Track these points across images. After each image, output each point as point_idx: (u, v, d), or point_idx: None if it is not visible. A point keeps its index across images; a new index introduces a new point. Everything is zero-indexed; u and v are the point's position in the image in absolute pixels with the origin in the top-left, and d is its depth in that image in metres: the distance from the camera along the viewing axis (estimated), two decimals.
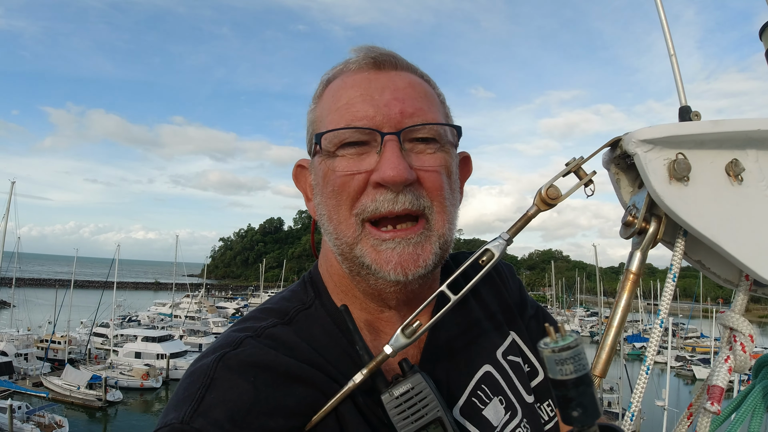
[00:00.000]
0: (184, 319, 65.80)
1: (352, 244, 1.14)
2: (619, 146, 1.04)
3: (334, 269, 1.26)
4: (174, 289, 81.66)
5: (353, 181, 1.13)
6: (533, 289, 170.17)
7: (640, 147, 0.99)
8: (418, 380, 1.05)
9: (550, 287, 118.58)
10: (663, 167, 1.00)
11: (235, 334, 1.12)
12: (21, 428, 29.72)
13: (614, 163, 1.10)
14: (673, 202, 0.99)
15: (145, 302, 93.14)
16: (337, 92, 1.20)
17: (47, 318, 53.62)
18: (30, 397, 36.03)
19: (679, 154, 1.00)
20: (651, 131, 0.99)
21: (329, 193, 1.16)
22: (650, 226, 1.04)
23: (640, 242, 1.05)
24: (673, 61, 1.12)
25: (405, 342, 1.06)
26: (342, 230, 1.15)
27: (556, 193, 1.06)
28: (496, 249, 1.08)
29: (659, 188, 0.99)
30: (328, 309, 1.23)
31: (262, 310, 1.24)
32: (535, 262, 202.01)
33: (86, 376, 38.89)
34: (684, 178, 0.99)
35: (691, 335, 72.38)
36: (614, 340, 1.02)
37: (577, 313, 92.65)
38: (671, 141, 1.00)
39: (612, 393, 36.52)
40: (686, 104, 1.09)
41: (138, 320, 66.69)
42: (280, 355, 1.07)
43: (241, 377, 1.02)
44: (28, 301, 60.30)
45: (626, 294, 1.04)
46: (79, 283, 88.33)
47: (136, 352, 46.39)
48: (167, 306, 75.55)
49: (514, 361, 1.36)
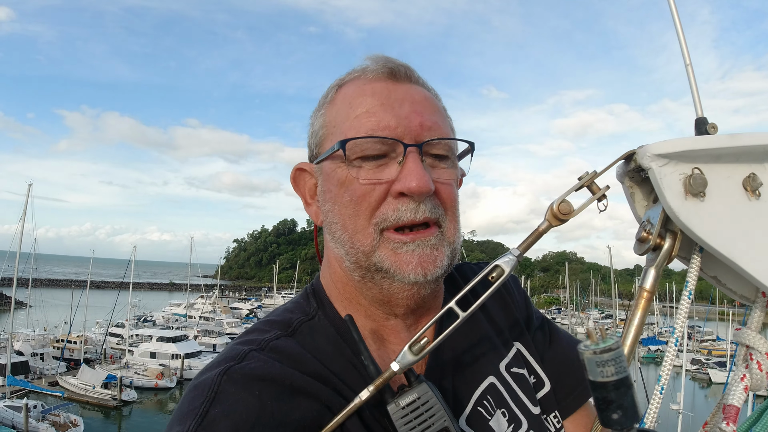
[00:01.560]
0: (199, 320, 66.16)
1: (369, 253, 1.14)
2: (634, 159, 1.02)
3: (338, 276, 1.25)
4: (189, 290, 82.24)
5: (374, 190, 1.13)
6: (547, 291, 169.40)
7: (655, 161, 0.97)
8: (425, 390, 1.03)
9: (564, 289, 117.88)
10: (678, 182, 0.97)
11: (239, 347, 1.11)
12: (36, 427, 30.00)
13: (629, 177, 1.07)
14: (689, 218, 0.96)
15: (160, 303, 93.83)
16: (354, 99, 1.20)
17: (63, 318, 54.27)
18: (46, 397, 36.39)
19: (695, 169, 0.97)
20: (666, 145, 0.97)
21: (346, 202, 1.16)
22: (665, 243, 1.01)
23: (654, 259, 1.02)
24: (689, 71, 1.10)
25: (412, 359, 1.04)
26: (359, 239, 1.15)
27: (568, 208, 1.04)
28: (506, 265, 1.06)
29: (674, 204, 0.96)
30: (332, 319, 1.23)
31: (265, 322, 1.23)
32: (548, 263, 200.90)
33: (101, 376, 39.22)
34: (700, 194, 0.97)
35: (707, 338, 71.61)
36: (627, 359, 1.00)
37: (592, 316, 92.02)
38: (687, 155, 0.97)
39: None
40: (702, 116, 1.06)
41: (153, 320, 67.06)
42: (285, 368, 1.06)
43: (245, 391, 1.01)
44: (44, 302, 61.04)
45: (640, 312, 1.01)
46: (95, 283, 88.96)
47: (151, 352, 46.73)
48: (182, 306, 76.01)
49: (519, 374, 1.35)
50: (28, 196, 44.74)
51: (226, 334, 59.32)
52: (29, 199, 44.71)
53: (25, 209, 44.17)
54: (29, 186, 45.05)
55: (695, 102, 1.08)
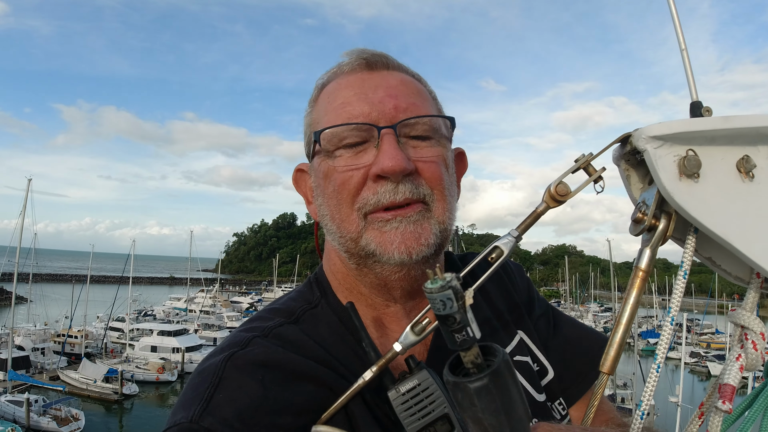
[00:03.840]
0: (199, 314, 66.27)
1: (356, 238, 1.16)
2: (629, 142, 1.03)
3: (337, 268, 1.28)
4: (189, 284, 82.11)
5: (353, 177, 1.15)
6: (546, 284, 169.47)
7: (650, 143, 0.98)
8: (425, 376, 1.05)
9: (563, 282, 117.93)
10: (673, 164, 0.98)
11: (242, 334, 1.13)
12: (38, 421, 30.11)
13: (624, 159, 1.08)
14: (683, 198, 0.97)
15: (160, 297, 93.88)
16: (332, 94, 1.23)
17: (64, 313, 54.22)
18: (47, 391, 36.40)
19: (689, 151, 0.98)
20: (661, 127, 0.98)
21: (330, 193, 1.18)
22: (660, 223, 1.03)
23: (649, 239, 1.04)
24: (684, 56, 1.11)
25: (414, 339, 1.06)
26: (345, 227, 1.17)
27: (565, 189, 1.05)
28: (505, 246, 1.08)
29: (669, 185, 0.97)
30: (334, 307, 1.24)
31: (269, 310, 1.25)
32: (548, 257, 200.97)
33: (102, 370, 39.30)
34: (694, 175, 0.98)
35: (706, 331, 71.71)
36: (623, 337, 1.01)
37: (591, 309, 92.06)
38: (681, 137, 0.98)
39: (626, 389, 36.34)
40: (698, 99, 1.07)
41: (153, 315, 67.26)
42: (288, 354, 1.08)
43: (249, 376, 1.03)
44: (44, 296, 61.07)
45: (635, 291, 1.03)
46: (95, 278, 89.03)
47: (152, 346, 46.83)
48: (182, 300, 76.03)
49: (522, 361, 1.36)
50: (27, 191, 44.70)
51: (226, 328, 59.32)
52: (29, 194, 44.66)
53: (25, 204, 44.14)
54: (29, 181, 45.00)
55: (690, 86, 1.09)
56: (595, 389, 1.02)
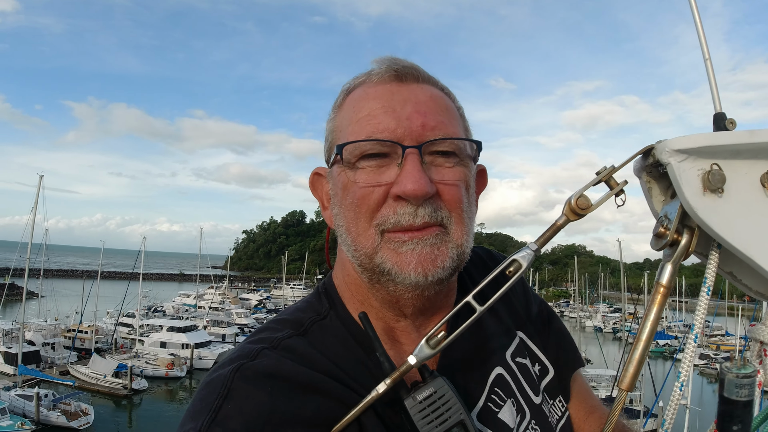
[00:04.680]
0: (208, 310, 66.57)
1: (371, 254, 1.14)
2: (652, 155, 1.01)
3: (351, 278, 1.26)
4: (198, 281, 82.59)
5: (373, 193, 1.13)
6: (556, 284, 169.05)
7: (674, 157, 0.96)
8: (441, 384, 1.05)
9: (572, 282, 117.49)
10: (697, 178, 0.97)
11: (251, 346, 1.12)
12: (47, 416, 30.43)
13: (646, 172, 1.07)
14: (707, 214, 0.96)
15: (170, 293, 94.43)
16: (358, 103, 1.20)
17: (74, 308, 54.77)
18: (57, 386, 36.80)
19: (713, 165, 0.97)
20: (685, 141, 0.96)
21: (348, 205, 1.16)
22: (682, 238, 1.01)
23: (671, 254, 1.02)
24: (708, 65, 1.09)
25: (429, 353, 1.05)
26: (361, 242, 1.15)
27: (586, 203, 1.03)
28: (523, 260, 1.07)
29: (692, 200, 0.96)
30: (344, 319, 1.23)
31: (277, 321, 1.24)
32: (557, 257, 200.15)
33: (112, 365, 39.64)
34: (718, 190, 0.96)
35: (716, 333, 71.21)
36: (642, 355, 0.99)
37: (600, 309, 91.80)
38: (706, 151, 0.97)
39: (634, 390, 36.12)
40: (721, 111, 1.06)
41: (163, 311, 67.66)
42: (297, 366, 1.07)
43: (258, 388, 1.02)
44: (55, 292, 61.38)
45: (656, 308, 1.01)
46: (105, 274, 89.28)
47: (162, 341, 47.14)
48: (192, 297, 76.53)
49: (522, 363, 1.37)
50: (39, 187, 45.04)
51: (235, 324, 59.76)
52: (40, 191, 45.00)
53: (36, 200, 44.50)
54: (40, 177, 45.34)
55: (714, 97, 1.07)
56: (614, 406, 1.00)
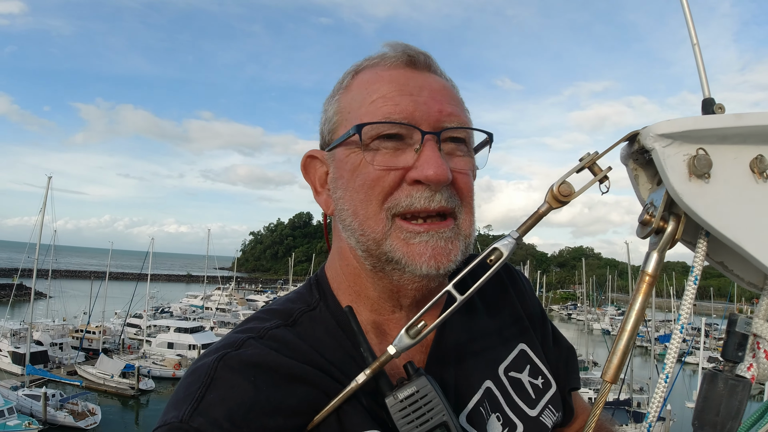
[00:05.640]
0: (215, 311, 66.87)
1: (380, 240, 1.12)
2: (637, 141, 0.98)
3: (350, 268, 1.23)
4: (205, 282, 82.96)
5: (388, 176, 1.11)
6: (563, 286, 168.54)
7: (659, 142, 0.93)
8: (423, 383, 1.02)
9: (580, 285, 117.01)
10: (682, 163, 0.93)
11: (237, 335, 1.11)
12: (55, 416, 30.44)
13: (632, 159, 1.04)
14: (693, 200, 0.93)
15: (177, 294, 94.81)
16: (371, 84, 1.17)
17: (82, 309, 54.89)
18: (64, 386, 36.89)
19: (699, 150, 0.94)
20: (670, 125, 0.93)
21: (358, 187, 1.13)
22: (668, 226, 0.98)
23: (657, 242, 0.99)
24: (696, 50, 1.06)
25: (409, 343, 1.02)
26: (369, 225, 1.12)
27: (568, 190, 1.00)
28: (504, 248, 1.03)
29: (678, 186, 0.93)
30: (333, 311, 1.21)
31: (266, 311, 1.22)
32: (565, 259, 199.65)
33: (120, 366, 39.72)
34: (705, 175, 0.93)
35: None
36: (627, 345, 0.97)
37: (608, 312, 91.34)
38: (691, 135, 0.94)
39: (642, 393, 35.94)
40: (710, 96, 1.02)
41: (170, 311, 67.85)
42: (281, 356, 1.06)
43: (241, 377, 1.00)
44: (63, 292, 61.44)
45: (641, 297, 0.98)
46: (113, 274, 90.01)
47: (169, 342, 47.27)
48: (199, 298, 76.90)
49: (515, 378, 1.33)
50: (47, 188, 45.23)
51: None
52: (49, 192, 45.24)
53: (45, 201, 44.67)
54: (49, 179, 45.51)
55: (702, 82, 1.04)
56: (597, 398, 0.98)
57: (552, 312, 38.34)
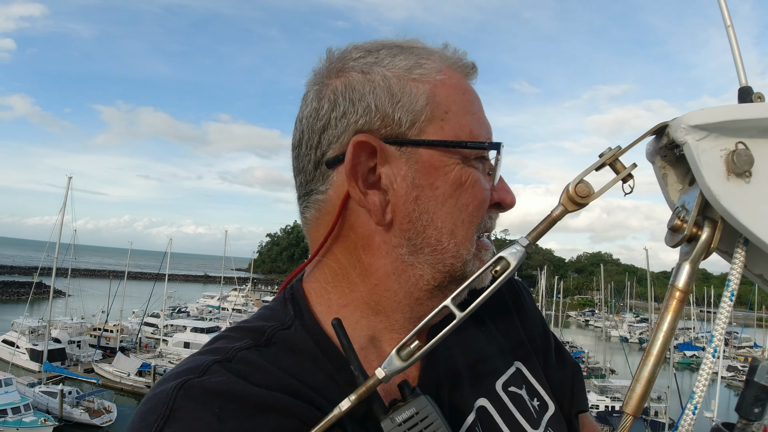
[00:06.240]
0: (232, 312, 66.95)
1: (467, 262, 1.03)
2: (666, 134, 0.86)
3: (380, 292, 1.06)
4: (222, 283, 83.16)
5: (488, 198, 1.05)
6: (581, 292, 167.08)
7: (691, 134, 0.81)
8: (423, 404, 0.89)
9: (598, 291, 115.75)
10: (719, 159, 0.81)
11: (201, 358, 0.96)
12: (71, 413, 30.74)
13: (660, 155, 0.91)
14: (731, 202, 0.81)
15: (194, 294, 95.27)
16: (464, 93, 1.06)
17: (100, 307, 55.27)
18: (81, 383, 37.19)
19: (739, 144, 0.81)
20: (705, 115, 0.81)
21: (462, 206, 1.01)
22: (703, 233, 0.85)
23: (689, 252, 0.85)
24: (730, 33, 0.93)
25: (400, 366, 0.89)
26: (466, 247, 1.02)
27: (586, 190, 0.87)
28: (512, 257, 0.89)
29: (714, 186, 0.80)
30: (310, 329, 1.06)
31: (236, 329, 1.08)
32: (583, 264, 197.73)
33: (136, 364, 40.03)
34: (745, 173, 0.81)
35: (745, 345, 69.50)
36: (653, 372, 0.83)
37: (627, 319, 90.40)
38: (729, 127, 0.81)
39: (660, 402, 35.33)
40: (747, 85, 0.89)
41: (187, 311, 68.34)
42: (249, 385, 0.91)
43: (204, 408, 0.86)
44: (82, 291, 62.14)
45: (670, 315, 0.84)
46: (132, 274, 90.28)
47: (185, 342, 47.45)
48: (215, 299, 77.18)
49: (516, 393, 1.19)
50: (68, 188, 45.75)
51: None
52: (69, 192, 45.77)
53: (65, 201, 45.19)
54: (69, 179, 46.02)
55: (738, 68, 0.91)
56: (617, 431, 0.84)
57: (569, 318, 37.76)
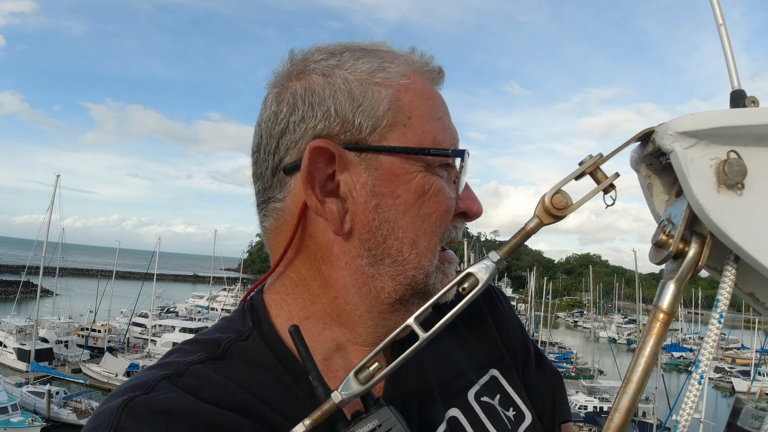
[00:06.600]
0: (221, 312, 66.52)
1: (429, 274, 0.98)
2: (652, 140, 0.79)
3: (340, 305, 1.01)
4: (211, 283, 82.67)
5: (452, 207, 1.00)
6: (569, 293, 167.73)
7: (679, 142, 0.75)
8: (386, 415, 0.83)
9: (587, 292, 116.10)
10: (709, 169, 0.75)
11: (151, 373, 0.91)
12: (58, 413, 30.41)
13: (645, 163, 0.85)
14: (722, 217, 0.75)
15: (183, 294, 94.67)
16: (430, 97, 1.01)
17: (88, 307, 54.88)
18: (68, 383, 36.85)
19: (731, 153, 0.75)
20: (694, 121, 0.75)
21: (425, 215, 0.96)
22: (690, 249, 0.78)
23: (675, 269, 0.79)
24: (722, 32, 0.86)
25: (358, 390, 0.82)
26: (428, 258, 0.97)
27: (563, 202, 0.80)
28: (481, 273, 0.83)
29: (703, 198, 0.74)
30: (269, 341, 1.00)
31: (192, 341, 1.02)
32: (572, 266, 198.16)
33: (124, 364, 39.60)
34: (737, 185, 0.75)
35: (732, 346, 69.89)
36: (633, 401, 0.77)
37: (615, 320, 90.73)
38: (721, 134, 0.75)
39: (647, 403, 35.45)
40: (740, 88, 0.82)
41: (176, 311, 67.87)
42: (198, 402, 0.86)
43: (149, 428, 0.81)
44: (70, 290, 61.75)
45: (653, 339, 0.78)
46: (120, 273, 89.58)
47: (174, 342, 46.93)
48: (204, 299, 76.72)
49: (487, 403, 1.14)
50: (56, 186, 45.45)
51: None
52: (57, 190, 45.42)
53: (53, 200, 44.84)
54: (57, 177, 45.72)
55: (730, 70, 0.84)
56: None
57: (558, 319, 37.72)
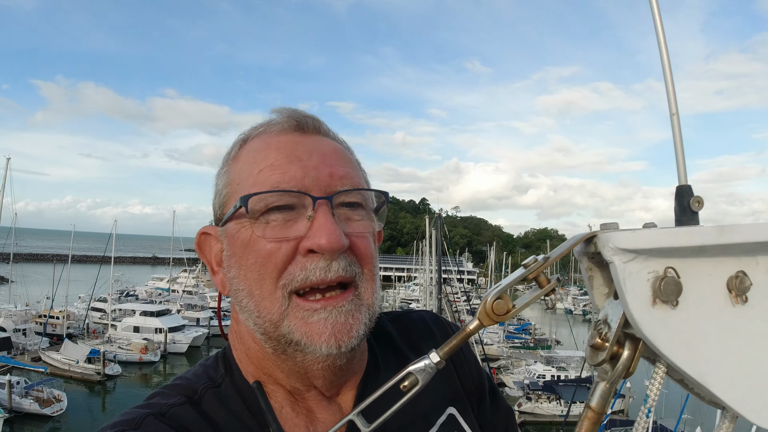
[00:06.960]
0: (182, 294, 66.05)
1: (277, 322, 1.01)
2: (594, 243, 0.81)
3: (252, 351, 1.12)
4: (171, 264, 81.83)
5: (281, 249, 1.01)
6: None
7: (619, 256, 0.76)
8: None
9: None
10: (646, 284, 0.76)
11: (137, 411, 1.01)
12: (20, 403, 29.99)
13: (588, 257, 0.86)
14: (654, 330, 0.76)
15: (142, 277, 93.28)
16: (258, 153, 1.09)
17: (45, 293, 53.54)
18: (29, 372, 36.23)
19: (668, 269, 0.77)
20: (635, 239, 0.76)
21: (251, 265, 1.03)
22: (624, 351, 0.80)
23: (608, 370, 0.81)
24: (674, 121, 0.87)
25: None
26: (265, 306, 1.02)
27: (504, 308, 0.82)
28: (420, 374, 0.87)
29: (637, 312, 0.76)
30: (239, 387, 1.11)
31: (170, 386, 1.12)
32: (530, 240, 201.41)
33: (85, 351, 39.12)
34: (672, 302, 0.76)
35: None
36: None
37: (571, 292, 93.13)
38: (660, 252, 0.77)
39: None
40: (687, 183, 0.84)
41: (136, 295, 66.98)
42: None
43: None
44: (25, 277, 60.05)
45: None
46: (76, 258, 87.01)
47: (135, 326, 46.74)
48: (165, 281, 75.74)
49: None
50: (6, 169, 44.19)
51: (209, 308, 59.12)
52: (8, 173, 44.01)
53: (3, 183, 43.64)
54: (8, 160, 44.61)
55: (678, 165, 0.86)
56: None
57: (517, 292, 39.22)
